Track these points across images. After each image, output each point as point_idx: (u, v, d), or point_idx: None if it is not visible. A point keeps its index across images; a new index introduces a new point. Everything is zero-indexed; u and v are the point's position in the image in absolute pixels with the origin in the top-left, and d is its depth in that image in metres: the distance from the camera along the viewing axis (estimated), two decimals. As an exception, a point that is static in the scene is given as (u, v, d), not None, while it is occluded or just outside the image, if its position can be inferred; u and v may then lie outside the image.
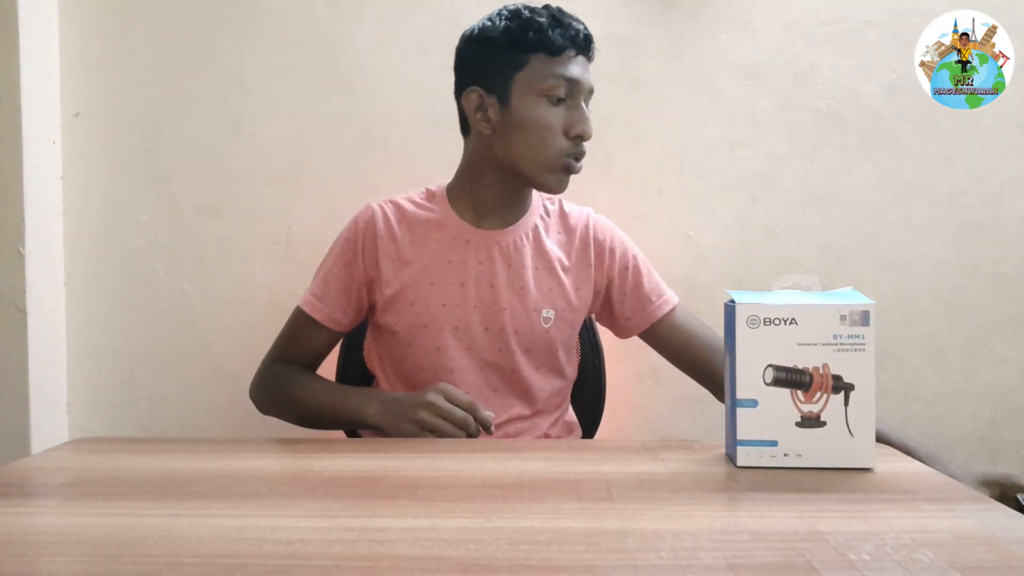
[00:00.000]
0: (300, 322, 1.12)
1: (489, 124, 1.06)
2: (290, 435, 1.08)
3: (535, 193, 1.15)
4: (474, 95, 1.07)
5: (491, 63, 1.05)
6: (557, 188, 1.07)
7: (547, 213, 1.16)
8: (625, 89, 1.44)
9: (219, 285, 1.46)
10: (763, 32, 1.44)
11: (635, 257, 1.17)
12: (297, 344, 1.13)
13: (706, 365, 1.14)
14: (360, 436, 1.16)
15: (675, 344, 1.16)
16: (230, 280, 1.46)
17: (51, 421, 1.40)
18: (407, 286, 1.08)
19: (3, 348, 1.33)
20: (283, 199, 1.45)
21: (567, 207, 1.18)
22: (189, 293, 1.46)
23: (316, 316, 1.11)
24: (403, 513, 0.66)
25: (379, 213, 1.11)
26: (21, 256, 1.33)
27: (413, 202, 1.13)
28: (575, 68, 1.04)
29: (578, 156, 1.06)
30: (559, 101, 1.04)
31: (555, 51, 1.03)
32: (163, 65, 1.45)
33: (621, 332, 1.19)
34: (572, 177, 1.08)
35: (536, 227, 1.13)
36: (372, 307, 1.13)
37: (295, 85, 1.45)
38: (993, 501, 0.68)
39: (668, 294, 1.16)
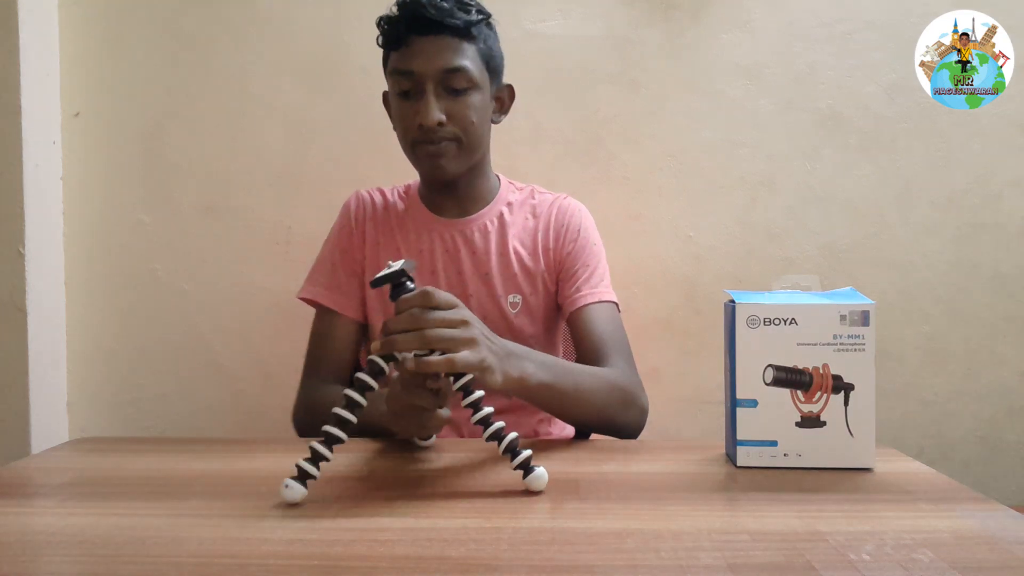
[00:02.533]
0: (323, 320, 1.10)
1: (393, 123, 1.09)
2: (289, 435, 1.08)
3: (502, 180, 1.16)
4: (385, 98, 1.10)
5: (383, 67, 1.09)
6: (432, 175, 1.07)
7: (515, 200, 1.14)
8: (625, 89, 1.44)
9: (219, 285, 1.46)
10: (763, 32, 1.44)
11: (588, 241, 1.12)
12: (326, 345, 1.09)
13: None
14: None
15: (574, 340, 1.09)
16: (230, 280, 1.46)
17: (51, 421, 1.40)
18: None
19: (3, 348, 1.33)
20: (283, 199, 1.45)
21: (538, 193, 1.16)
22: (189, 293, 1.46)
23: (335, 307, 1.09)
24: (403, 513, 0.66)
25: (367, 198, 1.16)
26: (21, 256, 1.33)
27: (396, 191, 1.17)
28: (415, 57, 0.99)
29: (430, 140, 1.01)
30: (406, 95, 1.02)
31: (397, 44, 1.01)
32: (163, 65, 1.45)
33: (564, 314, 1.12)
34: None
35: (502, 214, 1.13)
36: None
37: (295, 85, 1.45)
38: (993, 501, 0.68)
39: (600, 290, 1.09)
